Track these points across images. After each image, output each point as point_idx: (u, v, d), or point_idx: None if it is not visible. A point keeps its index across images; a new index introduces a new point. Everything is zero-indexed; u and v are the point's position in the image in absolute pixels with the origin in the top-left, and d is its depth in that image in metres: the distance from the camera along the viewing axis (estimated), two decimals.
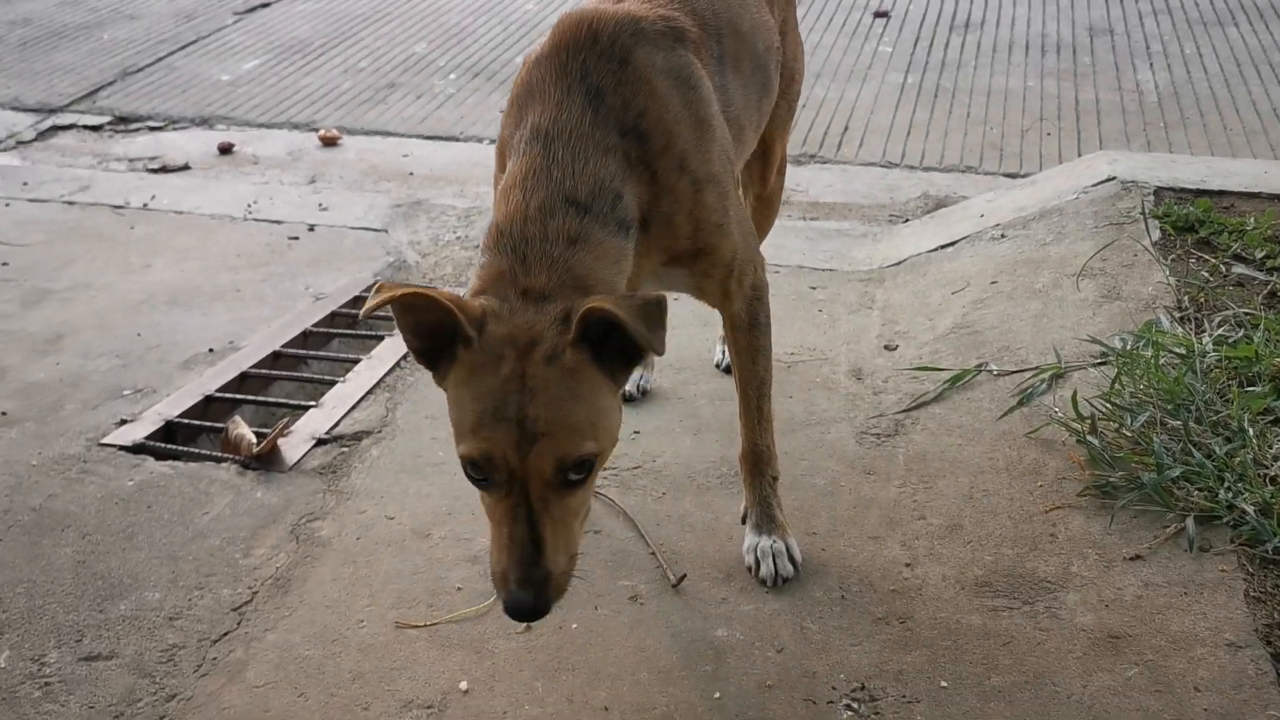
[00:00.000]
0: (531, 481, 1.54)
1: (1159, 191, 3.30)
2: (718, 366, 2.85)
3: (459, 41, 5.67)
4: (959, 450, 2.46)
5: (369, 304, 1.55)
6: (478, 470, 1.56)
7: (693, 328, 3.02)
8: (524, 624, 1.82)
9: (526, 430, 1.52)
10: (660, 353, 1.58)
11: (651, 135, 1.79)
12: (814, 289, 3.24)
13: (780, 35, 2.38)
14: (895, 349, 2.92)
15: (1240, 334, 2.52)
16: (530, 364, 1.54)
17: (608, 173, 1.73)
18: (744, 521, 2.21)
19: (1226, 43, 5.34)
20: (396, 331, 3.01)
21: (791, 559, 2.12)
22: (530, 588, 1.53)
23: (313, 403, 2.71)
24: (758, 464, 2.20)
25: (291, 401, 2.75)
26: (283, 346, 2.96)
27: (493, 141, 4.57)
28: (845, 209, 4.02)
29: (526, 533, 1.54)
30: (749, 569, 2.13)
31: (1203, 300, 2.73)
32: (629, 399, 2.74)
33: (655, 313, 1.56)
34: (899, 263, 3.42)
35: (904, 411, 2.62)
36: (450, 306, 1.53)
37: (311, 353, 2.99)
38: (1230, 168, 3.51)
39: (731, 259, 1.96)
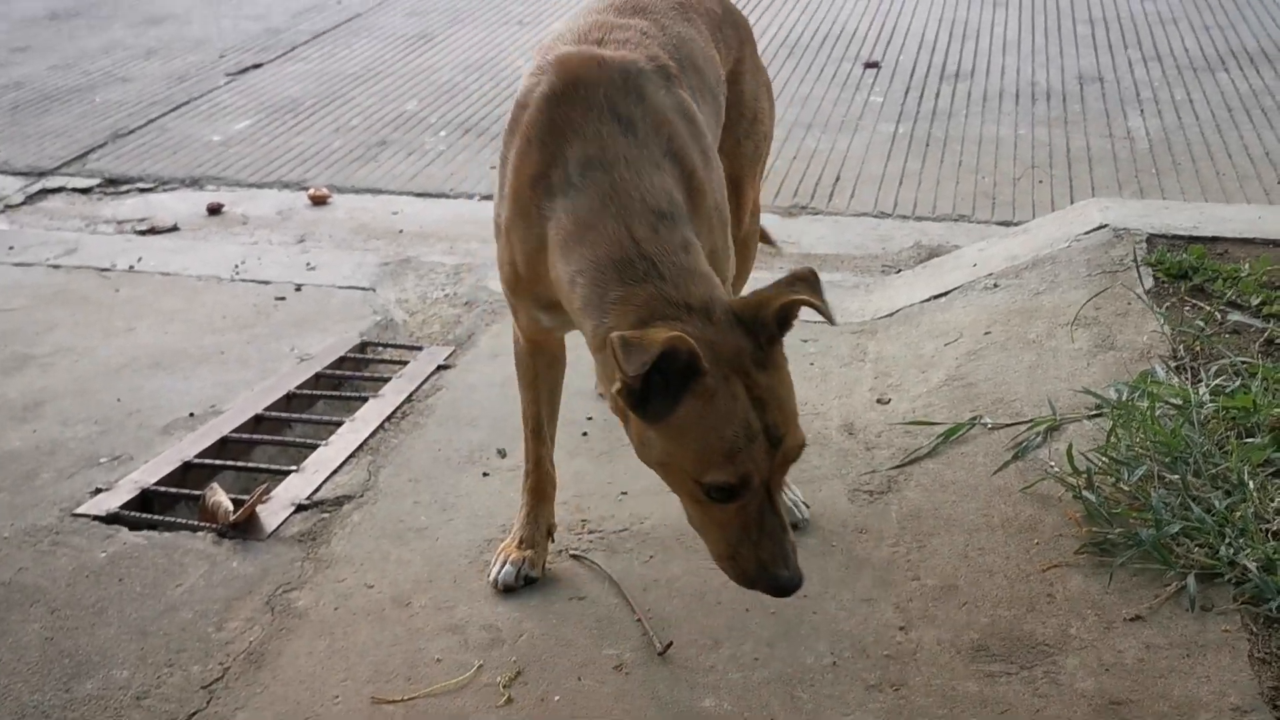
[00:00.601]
0: (774, 478, 1.68)
1: (1151, 238, 3.27)
2: None
3: (450, 99, 5.68)
4: (953, 507, 2.40)
5: (639, 363, 1.55)
6: (726, 492, 1.65)
7: None
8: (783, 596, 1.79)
9: (771, 439, 1.64)
10: (834, 322, 1.75)
11: (680, 160, 1.86)
12: (805, 341, 3.19)
13: (738, 73, 2.42)
14: (888, 402, 2.87)
15: (1237, 383, 2.47)
16: (749, 376, 1.64)
17: (667, 184, 1.81)
18: None
19: (1217, 88, 5.35)
20: (381, 393, 3.00)
21: (805, 504, 2.36)
22: (795, 564, 1.68)
23: (294, 467, 2.66)
24: None
25: (272, 467, 2.70)
26: (265, 410, 2.92)
27: (484, 197, 4.56)
28: (837, 260, 3.99)
29: (779, 521, 1.68)
30: None
31: (1198, 349, 2.68)
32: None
33: (818, 282, 1.72)
34: (891, 314, 3.38)
35: (897, 467, 2.56)
36: (695, 346, 1.58)
37: (295, 415, 2.94)
38: (1223, 213, 3.48)
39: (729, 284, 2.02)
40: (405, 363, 3.17)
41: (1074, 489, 2.28)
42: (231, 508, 2.44)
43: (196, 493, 2.54)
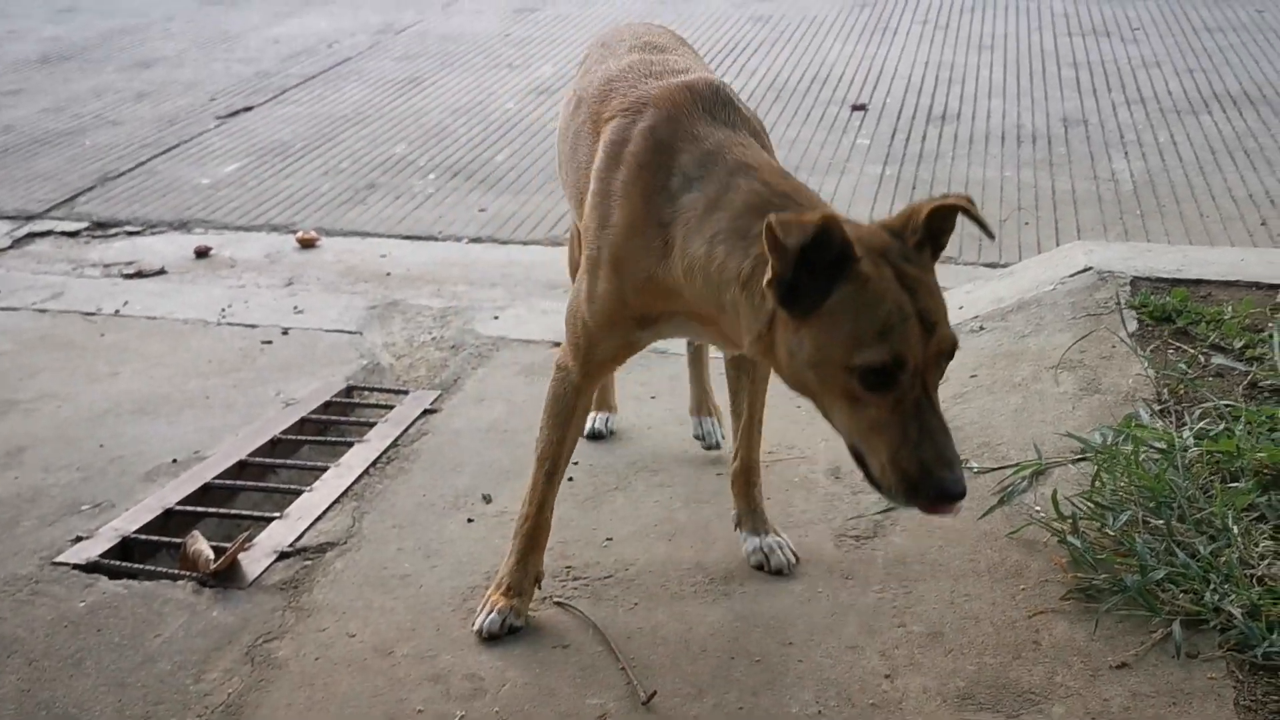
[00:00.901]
0: (929, 373, 1.67)
1: (1135, 281, 3.28)
2: (705, 442, 2.87)
3: (439, 142, 5.71)
4: (940, 552, 2.39)
5: (798, 237, 1.61)
6: (884, 375, 1.63)
7: (669, 426, 2.97)
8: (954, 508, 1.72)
9: (925, 323, 1.65)
10: (992, 236, 1.82)
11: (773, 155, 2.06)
12: None
13: None
14: None
15: (1221, 427, 2.47)
16: (899, 267, 1.67)
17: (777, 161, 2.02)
18: (738, 528, 2.43)
19: (1200, 130, 5.39)
20: (367, 437, 2.98)
21: (792, 550, 2.38)
22: (959, 467, 1.65)
23: (277, 514, 2.64)
24: (751, 477, 2.43)
25: (255, 513, 2.69)
26: (249, 455, 2.90)
27: (472, 240, 4.58)
28: None
29: (940, 420, 1.67)
30: (757, 566, 2.37)
31: (1182, 392, 2.68)
32: (596, 436, 2.92)
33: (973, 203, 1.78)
34: None
35: (883, 512, 2.55)
36: (847, 230, 1.64)
37: (279, 461, 2.93)
38: (1206, 256, 3.50)
39: None
40: (391, 407, 3.16)
41: (1059, 534, 2.27)
42: (213, 556, 2.42)
43: (178, 540, 2.52)
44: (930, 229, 1.72)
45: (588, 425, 2.88)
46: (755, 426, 2.41)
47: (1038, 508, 2.42)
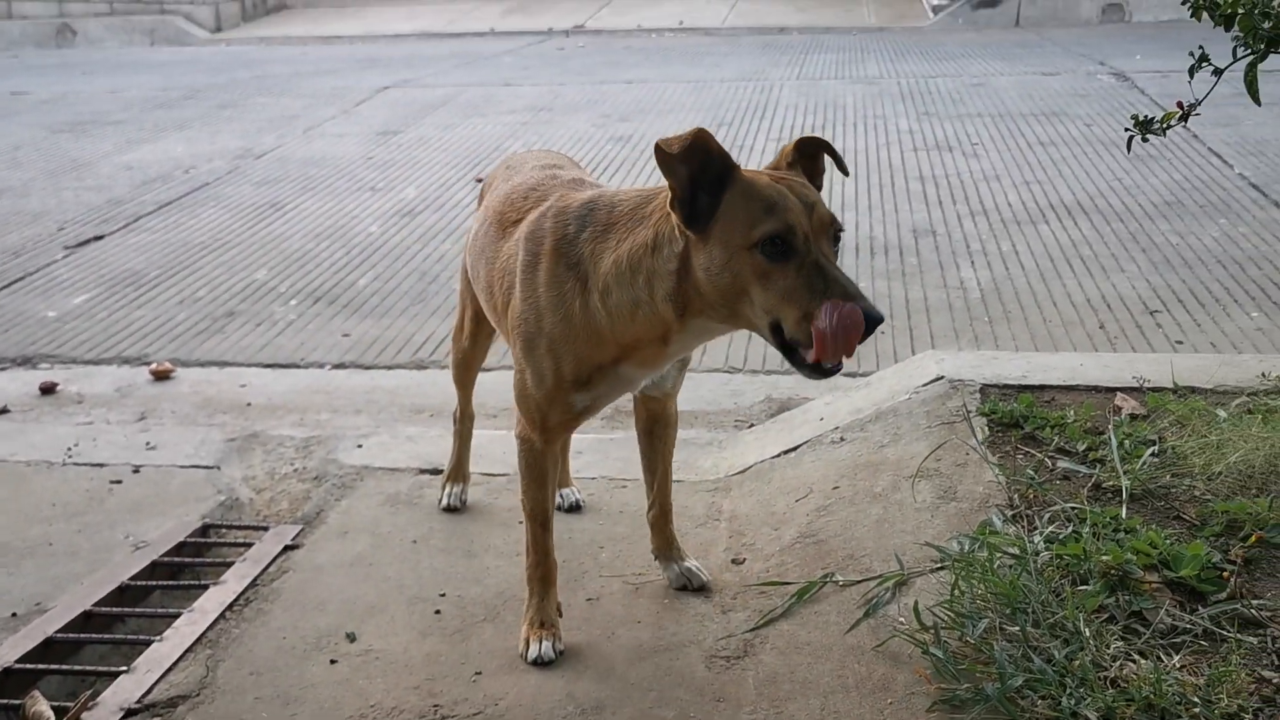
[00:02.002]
0: (819, 239, 1.98)
1: (984, 388, 3.40)
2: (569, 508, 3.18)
3: (300, 267, 5.65)
4: (809, 669, 2.40)
5: (680, 145, 2.01)
6: (780, 242, 1.95)
7: None
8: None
9: (804, 202, 2.00)
10: (846, 172, 2.29)
11: None
12: None
13: None
14: (743, 562, 2.88)
15: (1069, 530, 2.56)
16: (774, 174, 2.08)
17: None
18: (658, 559, 2.78)
19: (1039, 239, 5.68)
20: (223, 579, 2.87)
21: (703, 575, 2.74)
22: (866, 296, 1.94)
23: (124, 667, 2.51)
24: (668, 516, 2.78)
25: (101, 668, 2.55)
26: (95, 605, 2.77)
27: (336, 366, 4.52)
28: (691, 417, 4.03)
29: (841, 274, 1.96)
30: (680, 588, 2.73)
31: (1032, 496, 2.77)
32: (452, 510, 3.20)
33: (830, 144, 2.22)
34: (744, 470, 3.42)
35: (753, 630, 2.56)
36: (721, 148, 2.03)
37: (127, 610, 2.79)
38: (1048, 362, 3.65)
39: None
40: (250, 545, 3.06)
41: (922, 645, 2.30)
42: (54, 717, 2.28)
43: (16, 702, 2.37)
44: (801, 161, 2.14)
45: (444, 501, 3.20)
46: (668, 476, 2.76)
47: (901, 619, 2.45)
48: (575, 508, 3.19)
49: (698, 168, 2.01)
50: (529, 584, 2.58)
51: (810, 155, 2.18)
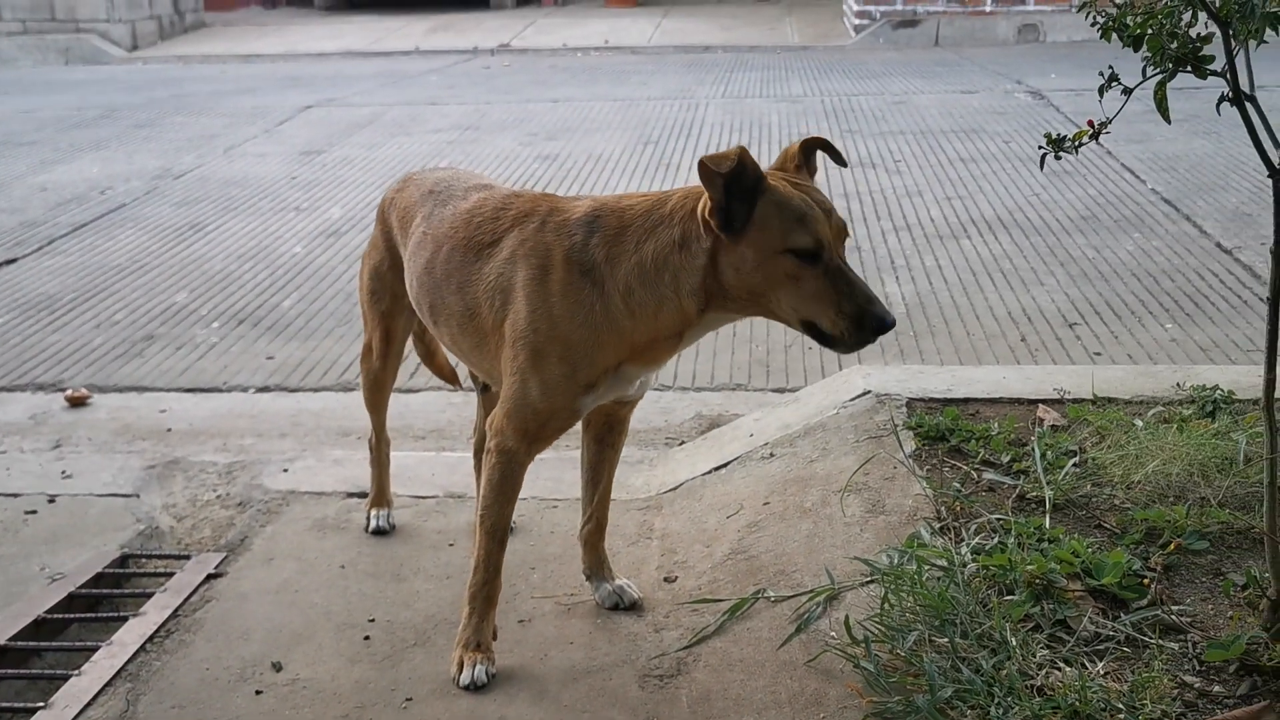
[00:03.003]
0: (837, 245, 2.20)
1: (911, 402, 3.45)
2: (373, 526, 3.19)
3: (223, 289, 5.55)
4: (742, 686, 2.40)
5: (727, 165, 2.14)
6: (810, 254, 2.16)
7: (468, 575, 2.91)
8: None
9: (825, 210, 2.20)
10: (844, 163, 2.42)
11: None
12: None
13: None
14: (675, 580, 2.88)
15: (995, 541, 2.60)
16: (791, 181, 2.24)
17: None
18: (590, 579, 2.80)
19: (962, 254, 5.78)
20: (143, 610, 2.80)
21: (636, 589, 2.78)
22: (883, 305, 2.18)
23: (41, 704, 2.43)
24: (602, 533, 2.81)
25: (17, 704, 2.47)
26: (9, 640, 2.68)
27: (260, 389, 4.44)
28: None
29: (859, 278, 2.19)
30: (612, 606, 2.75)
31: (959, 509, 2.81)
32: (380, 533, 3.17)
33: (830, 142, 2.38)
34: (675, 488, 3.42)
35: (686, 648, 2.56)
36: (755, 162, 2.17)
37: (44, 644, 2.71)
38: (973, 375, 3.71)
39: None
40: (171, 574, 2.99)
41: (853, 659, 2.32)
42: None
43: None
44: (804, 159, 2.32)
45: (371, 524, 3.18)
46: (609, 490, 2.79)
47: (833, 633, 2.46)
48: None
49: (734, 179, 2.17)
50: (470, 602, 2.55)
51: (808, 154, 2.36)
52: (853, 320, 2.17)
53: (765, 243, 2.18)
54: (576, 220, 2.41)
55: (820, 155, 2.39)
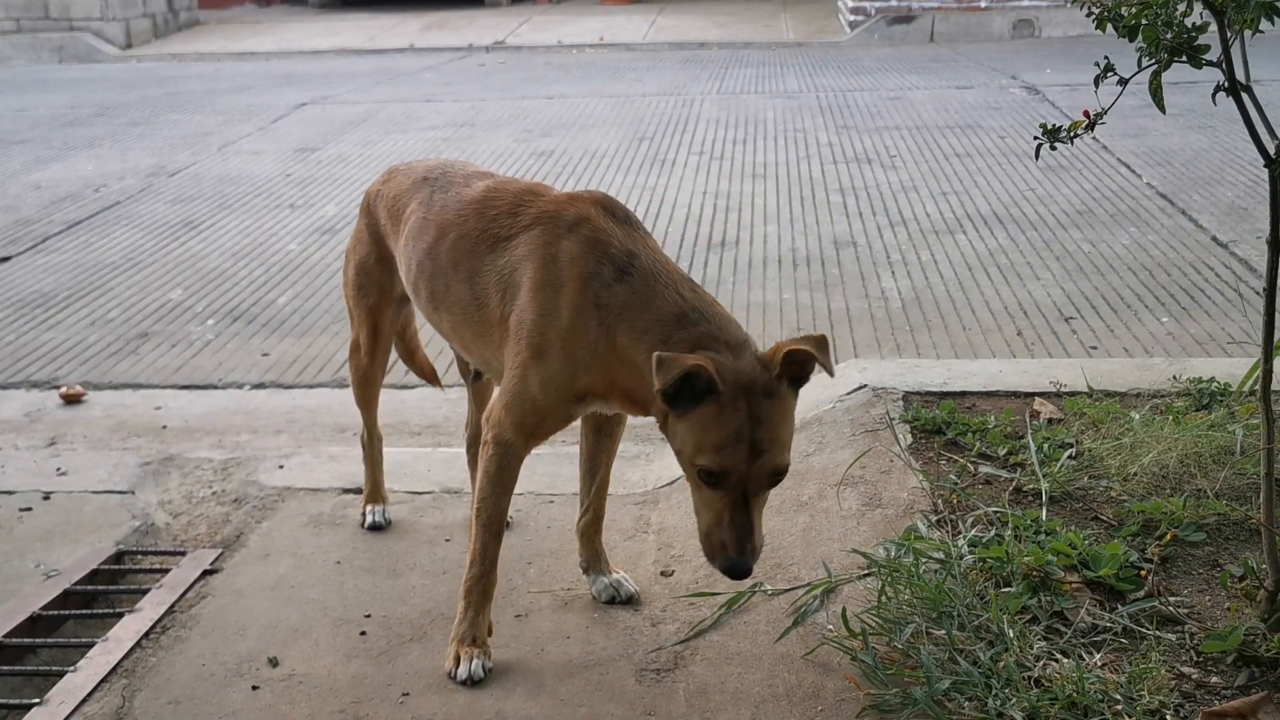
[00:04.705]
0: (751, 484, 2.14)
1: (907, 396, 3.45)
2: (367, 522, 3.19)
3: (218, 286, 5.54)
4: (739, 680, 2.40)
5: (666, 378, 2.09)
6: (713, 477, 2.13)
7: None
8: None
9: (755, 448, 2.11)
10: (832, 374, 2.24)
11: None
12: None
13: None
14: (672, 574, 2.87)
15: (992, 534, 2.60)
16: (754, 400, 2.12)
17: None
18: (586, 572, 2.79)
19: (957, 249, 5.77)
20: (138, 606, 2.79)
21: (633, 583, 2.77)
22: (749, 555, 2.14)
23: (37, 700, 2.43)
24: (599, 526, 2.80)
25: (12, 701, 2.46)
26: (5, 636, 2.67)
27: (255, 386, 4.43)
28: None
29: (746, 519, 2.14)
30: (609, 600, 2.74)
31: (956, 501, 2.81)
32: (376, 528, 3.15)
33: (826, 344, 2.20)
34: (672, 482, 3.41)
35: (683, 642, 2.55)
36: (713, 372, 2.09)
37: (39, 640, 2.70)
38: (969, 369, 3.71)
39: None
40: (167, 570, 2.98)
41: (851, 652, 2.32)
42: None
43: None
44: (788, 366, 2.16)
45: (367, 519, 3.17)
46: (607, 481, 2.79)
47: (830, 626, 2.46)
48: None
49: (688, 378, 2.13)
50: (466, 596, 2.54)
51: (801, 362, 2.18)
52: (710, 548, 2.18)
53: (687, 441, 2.16)
54: (613, 255, 2.34)
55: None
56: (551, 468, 3.47)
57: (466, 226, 2.56)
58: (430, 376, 3.38)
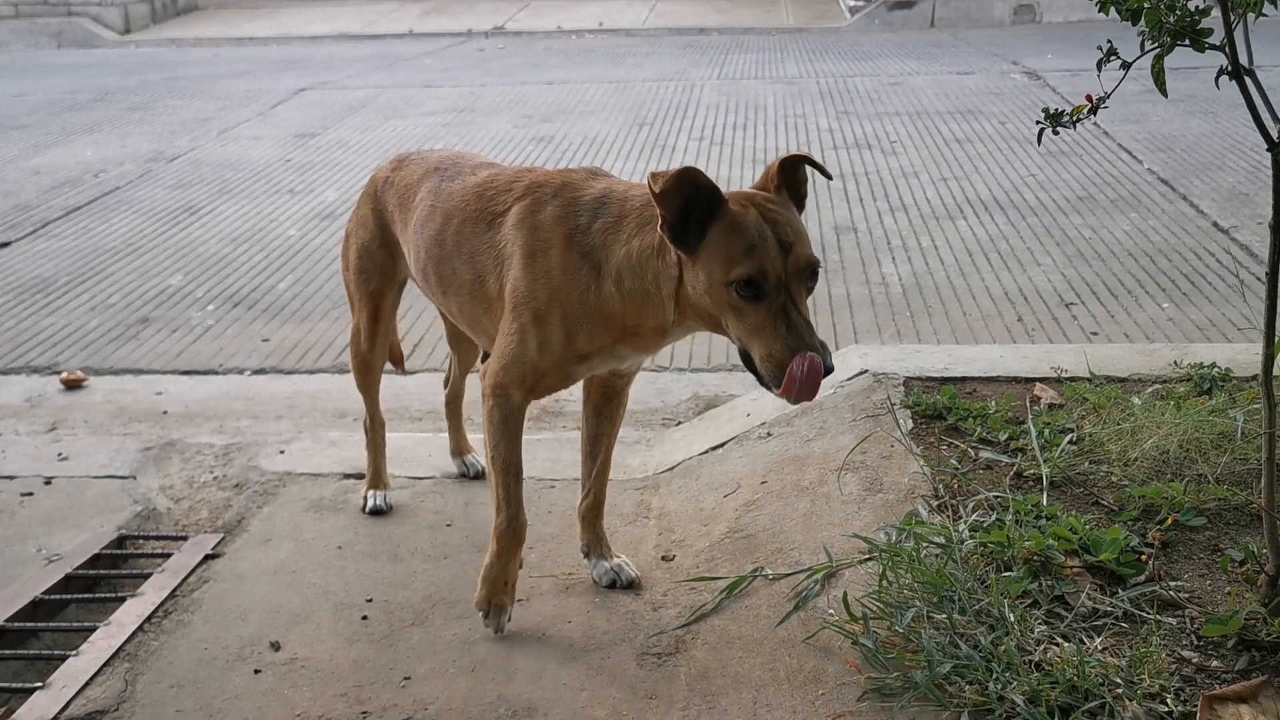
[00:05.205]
0: (793, 285, 2.08)
1: (908, 382, 3.44)
2: (469, 473, 3.36)
3: (218, 271, 5.53)
4: (740, 664, 2.40)
5: (663, 182, 2.08)
6: (753, 287, 2.07)
7: (466, 554, 2.91)
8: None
9: (782, 244, 2.08)
10: (829, 177, 2.34)
11: None
12: None
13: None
14: (672, 559, 2.88)
15: (993, 518, 2.60)
16: (762, 207, 2.13)
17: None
18: (588, 556, 2.79)
19: (958, 235, 5.77)
20: (140, 591, 2.80)
21: (634, 568, 2.76)
22: (824, 351, 2.06)
23: (39, 684, 2.43)
24: (600, 510, 2.80)
25: (15, 684, 2.47)
26: (7, 620, 2.68)
27: (256, 371, 4.43)
28: None
29: (802, 318, 2.08)
30: (609, 584, 2.74)
31: (956, 486, 2.81)
32: (377, 513, 3.15)
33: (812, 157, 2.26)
34: (672, 468, 3.42)
35: (684, 626, 2.56)
36: (710, 181, 2.11)
37: (41, 625, 2.71)
38: (969, 354, 3.71)
39: None
40: (169, 555, 2.98)
41: (852, 636, 2.32)
42: None
43: None
44: (785, 178, 2.21)
45: (368, 504, 3.18)
46: (608, 464, 2.78)
47: (831, 610, 2.46)
48: (480, 475, 3.26)
49: (689, 198, 2.12)
50: (499, 541, 2.56)
51: (793, 170, 2.25)
52: (781, 366, 2.06)
53: (714, 269, 2.12)
54: (585, 203, 2.41)
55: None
56: (552, 452, 3.48)
57: (468, 210, 2.62)
58: (397, 360, 3.40)
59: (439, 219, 2.69)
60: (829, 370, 2.06)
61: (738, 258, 2.08)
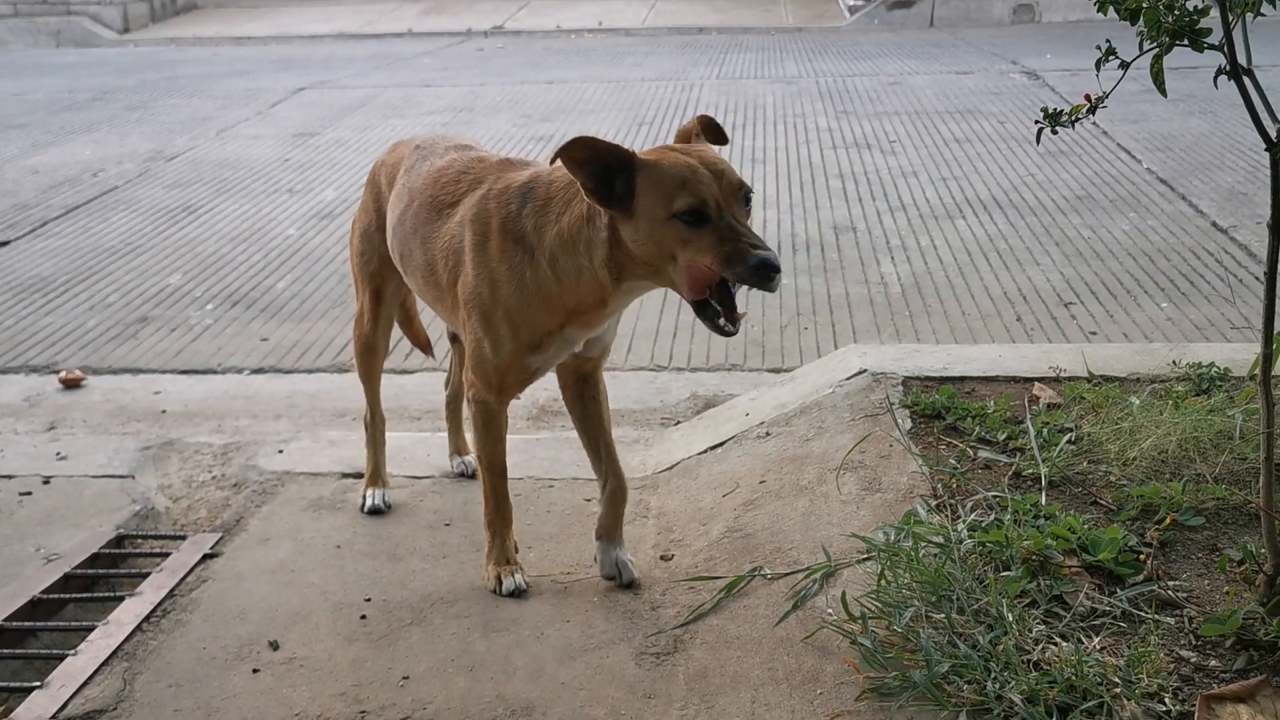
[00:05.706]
0: (730, 204, 2.22)
1: (907, 381, 3.44)
2: (466, 471, 3.35)
3: (216, 271, 5.53)
4: (739, 663, 2.40)
5: (557, 151, 2.23)
6: (695, 214, 2.20)
7: (464, 554, 2.91)
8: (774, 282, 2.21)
9: (713, 170, 2.24)
10: (726, 140, 2.47)
11: None
12: (589, 501, 3.19)
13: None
14: (671, 559, 2.88)
15: (991, 518, 2.60)
16: (678, 149, 2.30)
17: None
18: (599, 538, 2.78)
19: (957, 234, 5.77)
20: (139, 590, 2.80)
21: (633, 570, 2.76)
22: (768, 249, 2.18)
23: (38, 683, 2.43)
24: (623, 495, 2.80)
25: (13, 684, 2.47)
26: (5, 620, 2.68)
27: (255, 371, 4.43)
28: (618, 415, 4.01)
29: (751, 233, 2.22)
30: (609, 578, 2.75)
31: (955, 486, 2.81)
32: (376, 512, 3.15)
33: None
34: (671, 467, 3.42)
35: (682, 625, 2.56)
36: (612, 145, 2.25)
37: (39, 624, 2.71)
38: (968, 354, 3.71)
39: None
40: (167, 554, 2.98)
41: (850, 635, 2.32)
42: None
43: None
44: (708, 136, 2.40)
45: (367, 503, 3.18)
46: (613, 451, 2.80)
47: (829, 610, 2.46)
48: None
49: (605, 164, 2.26)
50: (489, 529, 2.75)
51: (712, 129, 2.44)
52: (736, 272, 2.18)
53: (652, 212, 2.25)
54: (514, 190, 2.52)
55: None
56: (551, 452, 3.48)
57: (424, 195, 2.72)
58: (424, 345, 3.49)
59: (405, 198, 2.79)
60: (777, 268, 2.19)
61: (675, 192, 2.22)
